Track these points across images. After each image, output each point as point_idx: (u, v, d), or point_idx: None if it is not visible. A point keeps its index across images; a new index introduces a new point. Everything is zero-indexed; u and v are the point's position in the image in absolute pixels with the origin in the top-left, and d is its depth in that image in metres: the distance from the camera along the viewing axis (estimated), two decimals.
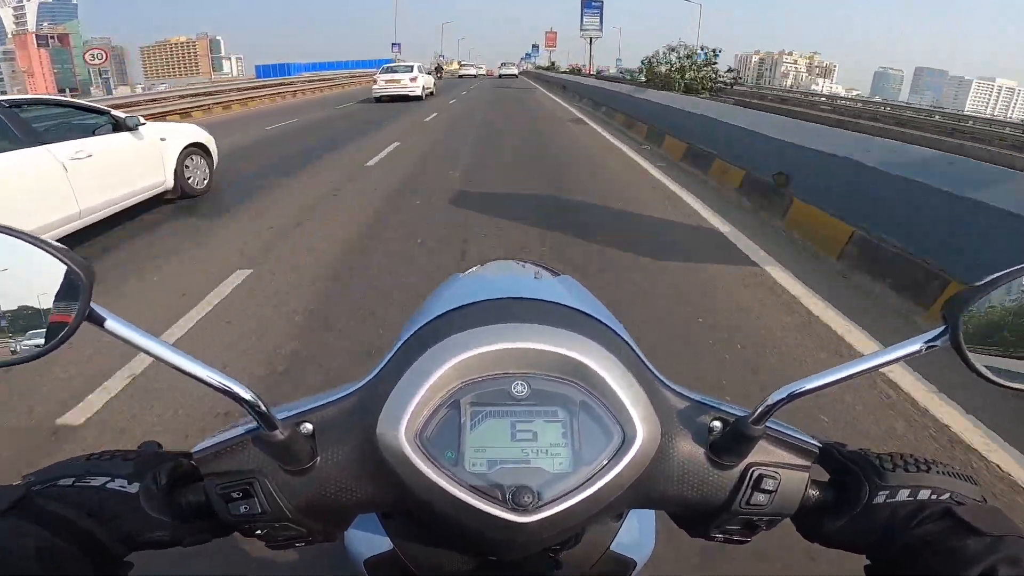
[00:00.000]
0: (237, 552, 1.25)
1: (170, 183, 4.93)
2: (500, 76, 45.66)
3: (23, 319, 0.34)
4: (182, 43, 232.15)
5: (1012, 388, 0.37)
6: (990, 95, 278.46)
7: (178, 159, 4.99)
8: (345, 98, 19.92)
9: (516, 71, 47.85)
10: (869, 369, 0.37)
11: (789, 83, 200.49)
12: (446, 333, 0.40)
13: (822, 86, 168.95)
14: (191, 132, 5.36)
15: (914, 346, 0.37)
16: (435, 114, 13.44)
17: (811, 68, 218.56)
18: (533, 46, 76.17)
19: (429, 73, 20.85)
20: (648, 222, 4.59)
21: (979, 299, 0.36)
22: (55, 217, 3.60)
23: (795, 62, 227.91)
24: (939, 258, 2.99)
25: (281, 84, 23.87)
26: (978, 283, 0.35)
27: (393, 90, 17.69)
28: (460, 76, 48.05)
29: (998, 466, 1.85)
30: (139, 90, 22.74)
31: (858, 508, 0.39)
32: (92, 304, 0.34)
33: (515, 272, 0.67)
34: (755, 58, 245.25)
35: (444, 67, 52.84)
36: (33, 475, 0.38)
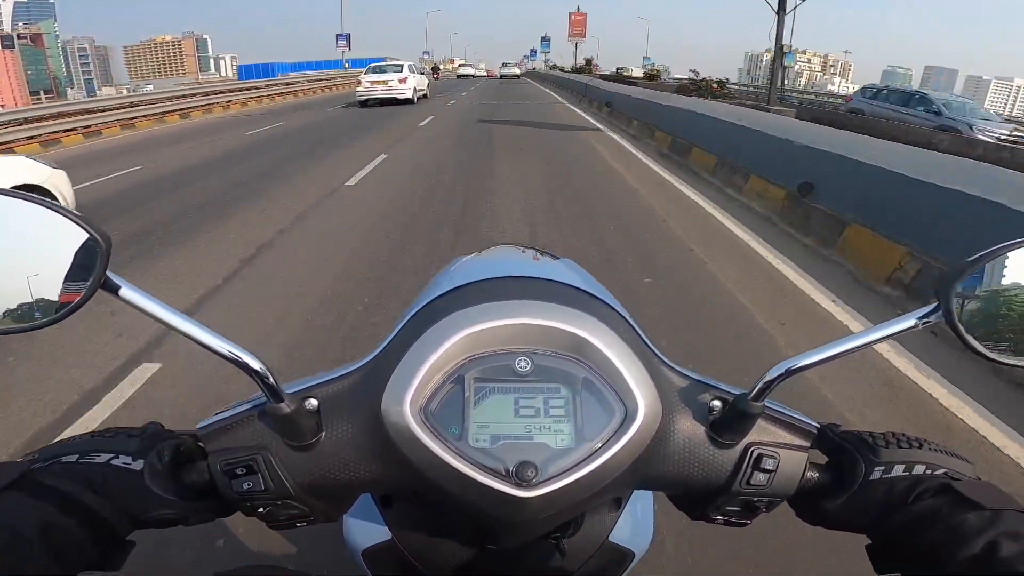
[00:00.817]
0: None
1: None
2: (501, 77, 44.78)
3: (42, 284, 0.35)
4: (168, 42, 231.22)
5: (1004, 363, 0.39)
6: (1008, 95, 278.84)
7: None
8: (336, 100, 18.98)
9: (518, 71, 46.74)
10: (864, 345, 0.39)
11: (803, 83, 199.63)
12: (450, 310, 0.41)
13: (839, 86, 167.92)
14: (19, 168, 3.68)
15: (908, 322, 0.38)
16: (430, 118, 12.16)
17: (826, 67, 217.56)
18: (543, 39, 71.44)
19: (422, 73, 19.26)
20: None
21: (969, 274, 0.37)
22: None
23: (809, 60, 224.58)
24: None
25: (254, 87, 22.35)
26: (968, 259, 0.37)
27: (380, 92, 16.07)
28: (459, 76, 49.24)
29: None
30: (124, 91, 21.17)
31: (855, 486, 0.40)
32: (107, 272, 0.35)
33: (518, 255, 0.70)
34: (766, 56, 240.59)
35: (440, 68, 51.48)
36: (36, 452, 0.39)
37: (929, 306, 0.38)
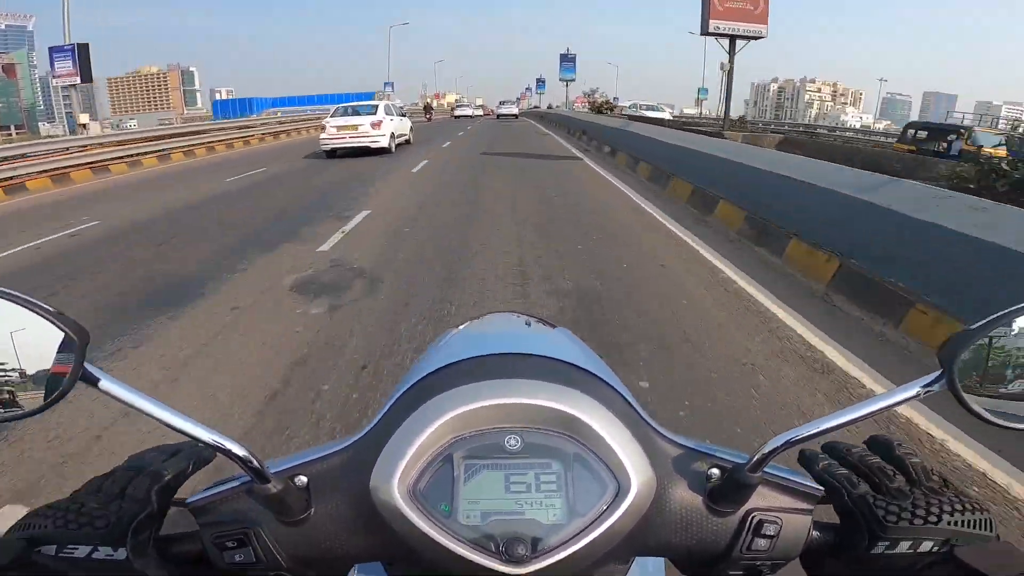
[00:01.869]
0: None
1: None
2: (499, 117, 43.79)
3: (21, 378, 0.38)
4: (153, 74, 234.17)
5: (1012, 428, 0.40)
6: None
7: None
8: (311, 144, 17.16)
9: (516, 110, 45.54)
10: (865, 415, 0.40)
11: (814, 113, 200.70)
12: (438, 390, 0.43)
13: (852, 116, 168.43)
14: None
15: (911, 391, 0.39)
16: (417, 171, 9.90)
17: (836, 96, 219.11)
18: (538, 80, 72.38)
19: (404, 115, 17.20)
20: None
21: (974, 343, 0.38)
22: None
23: (819, 90, 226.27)
24: None
25: (220, 128, 20.52)
26: (972, 326, 0.38)
27: (348, 140, 13.93)
28: (456, 117, 47.80)
29: None
30: (100, 128, 19.56)
31: (859, 552, 0.41)
32: (86, 364, 0.37)
33: (510, 325, 0.73)
34: (773, 87, 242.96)
35: (433, 106, 49.67)
36: (13, 529, 0.40)
37: (932, 375, 0.39)
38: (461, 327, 0.68)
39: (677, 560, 0.46)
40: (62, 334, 0.36)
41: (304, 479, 0.42)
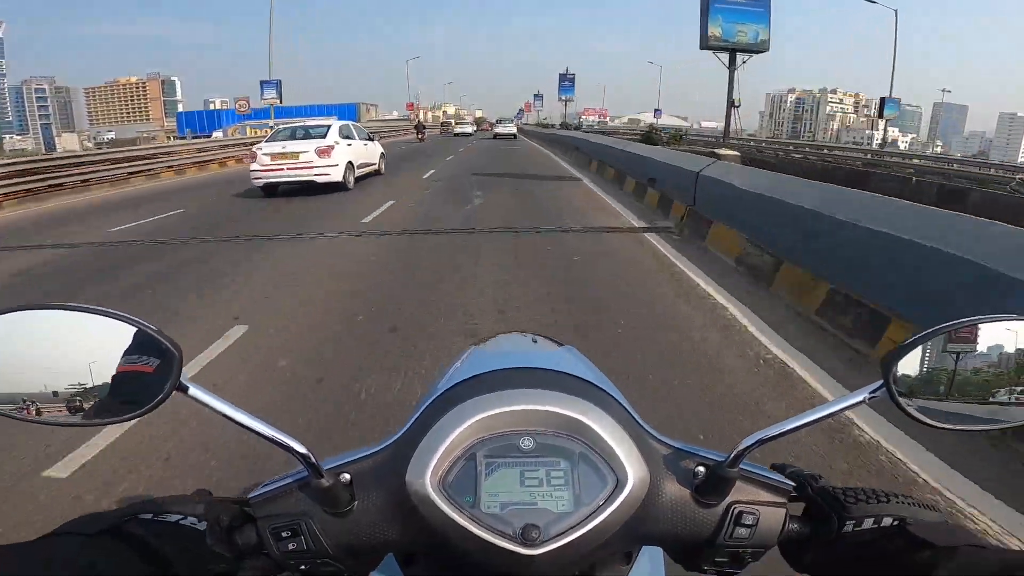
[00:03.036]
0: None
1: None
2: (495, 136, 41.76)
3: (126, 386, 0.47)
4: (132, 84, 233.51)
5: (945, 429, 0.49)
6: None
7: None
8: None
9: (514, 129, 44.16)
10: (822, 418, 0.50)
11: (836, 127, 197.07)
12: (464, 397, 0.52)
13: (882, 133, 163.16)
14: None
15: (858, 397, 0.49)
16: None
17: (859, 108, 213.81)
18: (520, 110, 73.55)
19: (370, 138, 14.11)
20: None
21: (908, 354, 0.48)
22: None
23: (840, 101, 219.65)
24: None
25: (169, 153, 17.72)
26: (906, 341, 0.48)
27: (286, 173, 11.02)
28: (455, 135, 47.05)
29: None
30: (78, 141, 18.21)
31: (830, 537, 0.51)
32: (181, 378, 0.46)
33: (524, 343, 0.89)
34: (790, 98, 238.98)
35: (425, 124, 46.16)
36: (118, 506, 0.51)
37: (876, 383, 0.49)
38: (479, 346, 0.81)
39: (670, 548, 0.54)
40: (163, 348, 0.46)
41: (348, 476, 0.51)
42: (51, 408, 0.47)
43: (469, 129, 50.93)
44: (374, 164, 14.05)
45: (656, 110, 69.32)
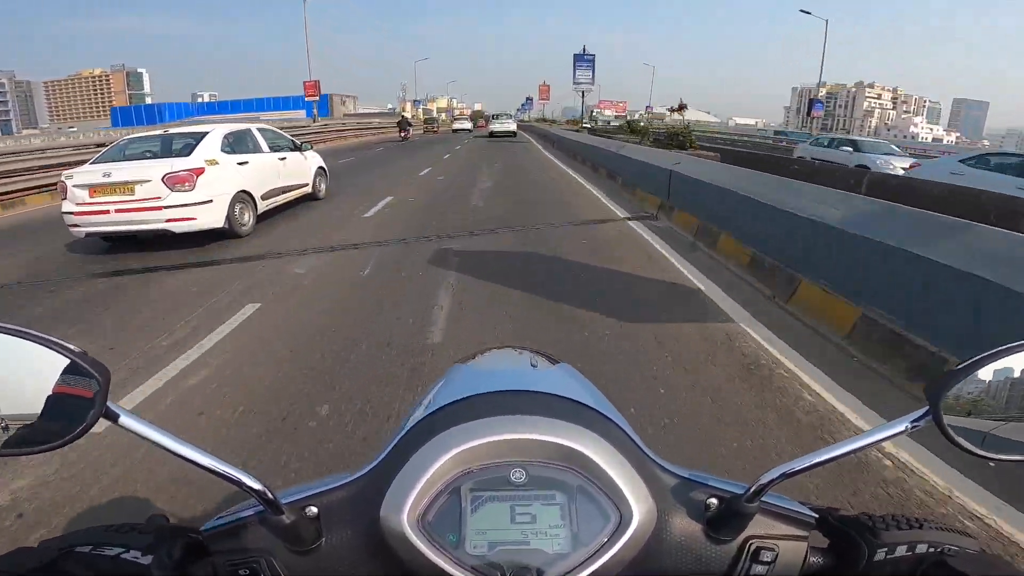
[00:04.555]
0: None
1: None
2: (492, 134, 37.97)
3: (44, 414, 0.44)
4: (96, 76, 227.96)
5: (995, 459, 0.48)
6: None
7: None
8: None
9: (514, 126, 40.56)
10: (856, 450, 0.48)
11: (874, 124, 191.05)
12: (447, 424, 0.50)
13: (922, 128, 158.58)
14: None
15: (899, 427, 0.47)
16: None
17: (897, 103, 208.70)
18: (527, 99, 72.75)
19: (296, 148, 9.73)
20: None
21: (958, 382, 0.47)
22: None
23: (878, 96, 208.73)
24: None
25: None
26: (957, 367, 0.47)
27: (113, 219, 6.65)
28: (454, 131, 49.72)
29: None
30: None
31: (859, 568, 0.48)
32: (108, 403, 0.44)
33: (514, 361, 0.82)
34: (821, 92, 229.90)
35: (410, 120, 41.72)
36: (54, 540, 0.48)
37: (920, 411, 0.47)
38: (465, 364, 0.76)
39: None
40: (86, 373, 0.44)
41: (315, 510, 0.49)
42: None
43: (468, 125, 52.69)
44: (304, 186, 9.88)
45: (647, 106, 65.98)
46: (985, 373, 0.47)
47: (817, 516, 0.51)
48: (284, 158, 9.15)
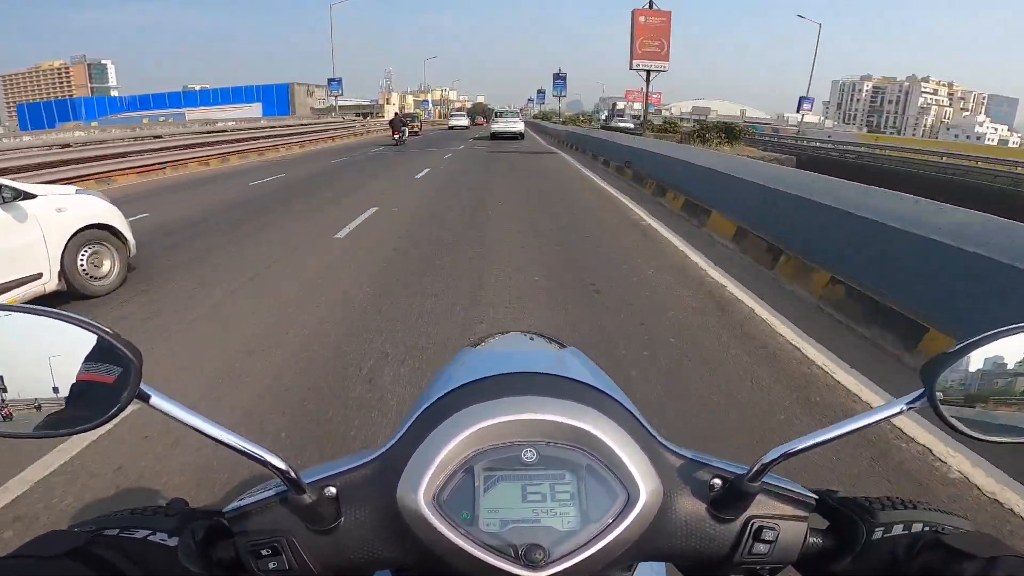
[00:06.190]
0: None
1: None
2: (494, 135, 34.81)
3: (82, 395, 0.47)
4: (56, 69, 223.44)
5: (990, 441, 0.52)
6: None
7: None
8: None
9: (520, 126, 36.30)
10: (854, 430, 0.51)
11: (930, 121, 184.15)
12: (462, 405, 0.53)
13: (987, 128, 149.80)
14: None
15: (895, 408, 0.51)
16: None
17: (953, 100, 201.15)
18: (556, 75, 71.51)
19: (23, 196, 4.76)
20: None
21: (952, 363, 0.50)
22: None
23: (935, 91, 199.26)
24: None
25: None
26: (951, 349, 0.50)
27: None
28: (450, 127, 51.28)
29: None
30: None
31: (857, 548, 0.53)
32: (142, 385, 0.47)
33: (524, 344, 0.90)
34: (866, 87, 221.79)
35: (404, 119, 33.22)
36: (85, 523, 0.52)
37: (915, 392, 0.50)
38: (475, 348, 0.83)
39: (681, 565, 0.56)
40: (120, 354, 0.46)
41: (333, 490, 0.52)
42: None
43: (464, 122, 53.86)
44: (26, 278, 4.84)
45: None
46: (981, 355, 0.51)
47: (817, 497, 0.56)
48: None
